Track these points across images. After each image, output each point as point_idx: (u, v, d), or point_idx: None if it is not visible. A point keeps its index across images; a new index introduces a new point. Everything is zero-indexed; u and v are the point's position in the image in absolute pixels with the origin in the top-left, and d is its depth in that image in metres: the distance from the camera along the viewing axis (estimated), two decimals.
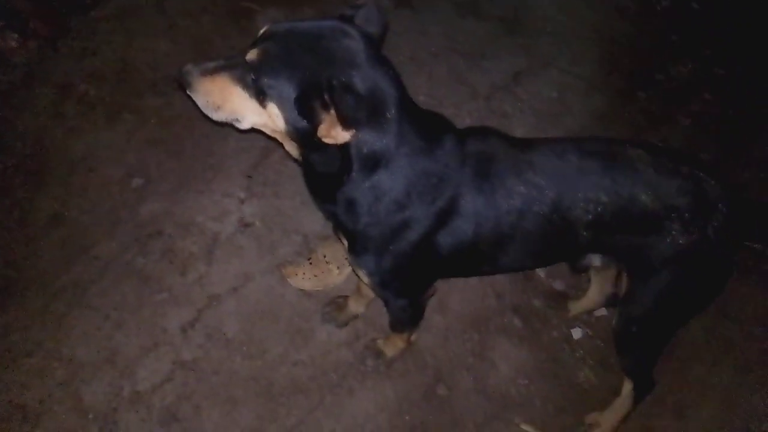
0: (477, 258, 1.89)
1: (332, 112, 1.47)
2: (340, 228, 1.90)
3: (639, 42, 4.03)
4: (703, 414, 2.48)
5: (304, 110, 1.54)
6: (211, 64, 1.65)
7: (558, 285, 2.80)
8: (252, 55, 1.58)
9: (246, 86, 1.60)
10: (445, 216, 1.76)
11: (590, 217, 1.76)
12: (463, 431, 2.37)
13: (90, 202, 2.84)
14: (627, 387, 2.27)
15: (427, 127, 1.71)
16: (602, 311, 2.71)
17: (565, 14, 4.10)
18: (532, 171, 1.76)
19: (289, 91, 1.55)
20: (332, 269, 2.65)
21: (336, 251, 2.68)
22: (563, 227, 1.78)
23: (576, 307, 2.67)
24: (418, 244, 1.78)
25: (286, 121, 1.59)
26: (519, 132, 3.30)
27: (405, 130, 1.63)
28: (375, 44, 1.65)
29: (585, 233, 1.79)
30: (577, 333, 2.67)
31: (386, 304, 2.16)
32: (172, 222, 2.77)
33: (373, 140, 1.60)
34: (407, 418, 2.36)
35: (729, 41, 4.14)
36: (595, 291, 2.56)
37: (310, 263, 2.67)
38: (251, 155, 3.03)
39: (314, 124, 1.54)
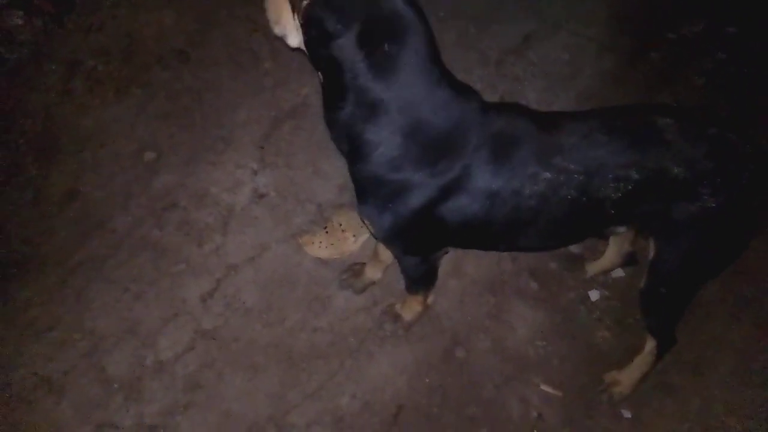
0: (491, 237, 1.88)
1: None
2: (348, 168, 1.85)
3: (650, 1, 3.96)
4: (721, 370, 2.48)
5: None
6: None
7: (574, 247, 2.79)
8: None
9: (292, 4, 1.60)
10: (451, 191, 1.71)
11: (620, 194, 1.73)
12: (482, 392, 2.38)
13: (103, 177, 2.85)
14: (650, 344, 2.27)
15: (444, 88, 1.63)
16: (619, 272, 2.70)
17: None
18: (561, 155, 1.70)
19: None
20: (348, 237, 2.66)
21: (351, 219, 2.68)
22: (591, 207, 1.75)
23: (593, 269, 2.67)
24: (418, 211, 1.75)
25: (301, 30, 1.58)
26: (531, 96, 3.27)
27: (412, 78, 1.54)
28: None
29: (613, 210, 1.77)
30: (594, 295, 2.67)
31: (398, 260, 2.16)
32: (186, 194, 2.77)
33: (368, 72, 1.51)
34: (427, 380, 2.38)
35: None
36: (613, 251, 2.55)
37: (326, 232, 2.67)
38: (262, 126, 3.02)
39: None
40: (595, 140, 1.72)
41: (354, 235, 2.66)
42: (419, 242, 1.96)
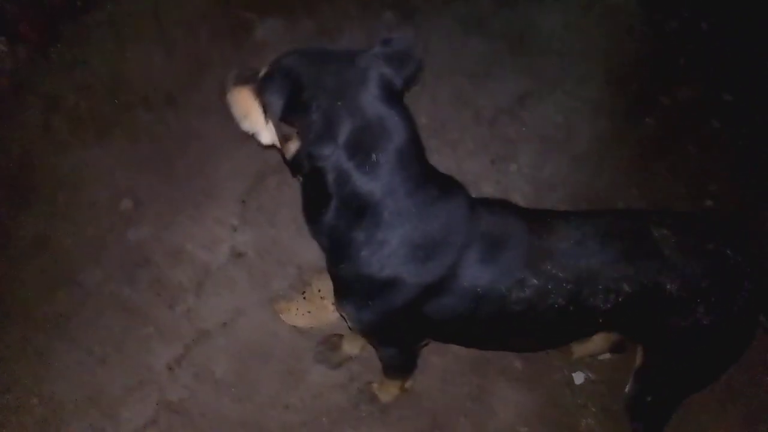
0: (474, 337, 1.82)
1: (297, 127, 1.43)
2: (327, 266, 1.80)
3: (646, 64, 3.92)
4: None
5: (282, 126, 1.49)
6: (247, 73, 1.63)
7: None
8: (263, 71, 1.57)
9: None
10: (435, 290, 1.63)
11: (609, 305, 1.66)
12: None
13: (75, 224, 2.73)
14: None
15: (430, 186, 1.57)
16: (606, 354, 2.62)
17: (573, 32, 3.99)
18: (550, 262, 1.63)
19: (277, 108, 1.49)
20: (327, 305, 2.55)
21: (331, 286, 2.56)
22: (579, 316, 1.68)
23: (580, 351, 2.58)
24: (400, 309, 1.67)
25: (276, 136, 1.55)
26: (523, 159, 3.20)
27: (399, 182, 1.49)
28: (390, 84, 1.51)
29: (601, 319, 1.69)
30: (579, 378, 2.58)
31: (376, 349, 2.07)
32: (161, 250, 2.66)
33: (356, 179, 1.46)
34: None
35: (737, 65, 4.04)
36: (601, 338, 2.46)
37: (305, 298, 2.56)
38: (246, 179, 2.91)
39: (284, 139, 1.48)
40: (588, 248, 1.65)
41: (333, 304, 2.55)
42: (398, 337, 1.88)
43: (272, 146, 1.69)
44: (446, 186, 1.64)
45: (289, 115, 1.47)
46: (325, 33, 3.59)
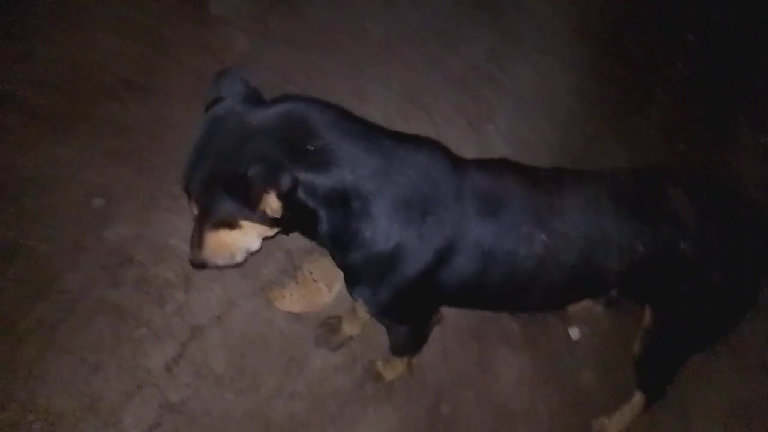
0: (491, 300, 1.77)
1: (264, 195, 1.40)
2: (334, 260, 1.76)
3: (613, 14, 3.90)
4: (705, 409, 2.49)
5: (245, 209, 1.46)
6: (193, 231, 1.62)
7: None
8: (193, 206, 1.58)
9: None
10: (444, 254, 1.61)
11: (622, 266, 1.66)
12: None
13: (48, 227, 2.59)
14: (639, 395, 2.25)
15: (390, 141, 1.55)
16: (597, 309, 2.65)
17: None
18: (560, 219, 1.61)
19: (230, 206, 1.46)
20: (321, 288, 2.51)
21: (323, 267, 2.53)
22: (591, 276, 1.68)
23: (575, 306, 2.61)
24: (415, 279, 1.63)
25: (247, 221, 1.51)
26: (500, 119, 3.17)
27: (350, 149, 1.47)
28: (249, 101, 1.53)
29: (613, 279, 1.69)
30: (574, 333, 2.63)
31: (388, 329, 2.04)
32: (143, 247, 2.56)
33: (319, 179, 1.45)
34: None
35: (700, 4, 4.05)
36: None
37: (297, 283, 2.51)
38: None
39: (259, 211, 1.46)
40: (601, 206, 1.65)
41: (327, 286, 2.52)
42: (414, 312, 1.86)
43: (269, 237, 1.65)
44: (411, 139, 1.63)
45: (240, 200, 1.44)
46: (283, 1, 3.46)
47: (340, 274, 1.80)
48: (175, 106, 2.96)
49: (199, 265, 1.66)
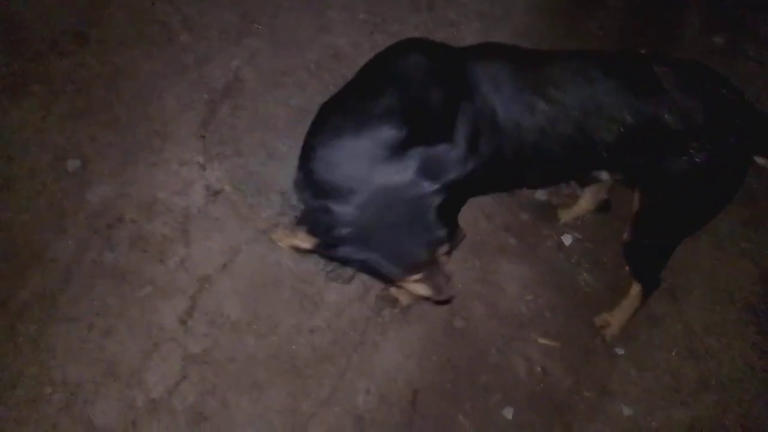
0: (503, 179, 1.90)
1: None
2: None
3: None
4: (694, 294, 2.64)
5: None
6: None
7: (540, 195, 2.81)
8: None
9: None
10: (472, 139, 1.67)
11: (613, 138, 1.73)
12: (488, 358, 2.40)
13: (23, 197, 2.47)
14: (635, 288, 2.35)
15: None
16: (587, 215, 2.76)
17: None
18: (554, 87, 1.69)
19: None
20: None
21: None
22: (585, 148, 1.75)
23: (566, 215, 2.70)
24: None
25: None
26: (467, 41, 3.15)
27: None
28: None
29: (605, 153, 1.77)
30: (567, 239, 2.72)
31: None
32: (131, 204, 2.47)
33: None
34: (434, 358, 2.35)
35: None
36: (588, 198, 2.59)
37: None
38: (197, 111, 2.70)
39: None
40: (591, 77, 1.72)
41: None
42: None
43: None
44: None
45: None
46: None
47: None
48: (131, 55, 2.81)
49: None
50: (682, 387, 2.41)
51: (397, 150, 1.48)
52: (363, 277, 2.44)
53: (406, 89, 1.60)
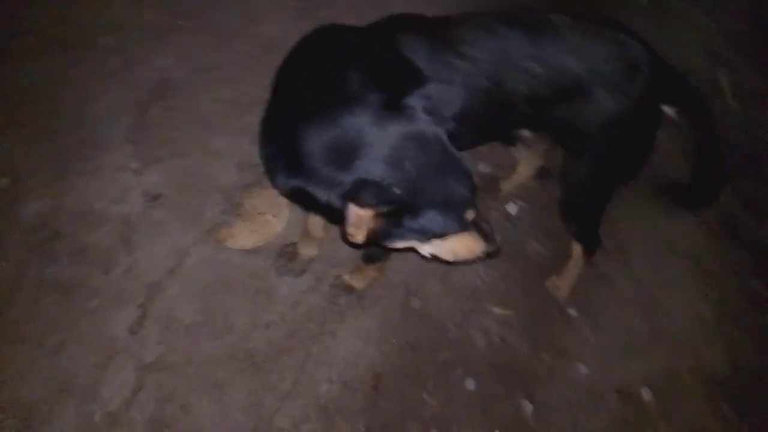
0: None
1: None
2: None
3: None
4: (640, 250, 2.72)
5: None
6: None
7: (483, 167, 2.84)
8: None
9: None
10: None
11: (526, 89, 1.79)
12: (447, 334, 2.42)
13: None
14: (577, 249, 2.39)
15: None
16: (530, 182, 2.80)
17: None
18: (465, 44, 1.75)
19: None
20: (269, 218, 2.47)
21: (265, 198, 2.48)
22: (503, 102, 1.80)
23: (508, 185, 2.74)
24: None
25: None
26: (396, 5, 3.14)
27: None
28: None
29: (522, 108, 1.81)
30: (512, 208, 2.76)
31: None
32: (67, 218, 2.39)
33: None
34: (394, 341, 2.36)
35: None
36: (525, 166, 2.63)
37: (243, 219, 2.45)
38: (127, 115, 2.64)
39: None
40: (497, 32, 1.78)
41: (274, 215, 2.48)
42: None
43: None
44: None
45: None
46: None
47: (284, 201, 1.77)
48: (53, 61, 2.71)
49: None
50: (635, 342, 2.49)
51: (393, 106, 1.47)
52: (314, 268, 2.43)
53: (360, 65, 1.55)
